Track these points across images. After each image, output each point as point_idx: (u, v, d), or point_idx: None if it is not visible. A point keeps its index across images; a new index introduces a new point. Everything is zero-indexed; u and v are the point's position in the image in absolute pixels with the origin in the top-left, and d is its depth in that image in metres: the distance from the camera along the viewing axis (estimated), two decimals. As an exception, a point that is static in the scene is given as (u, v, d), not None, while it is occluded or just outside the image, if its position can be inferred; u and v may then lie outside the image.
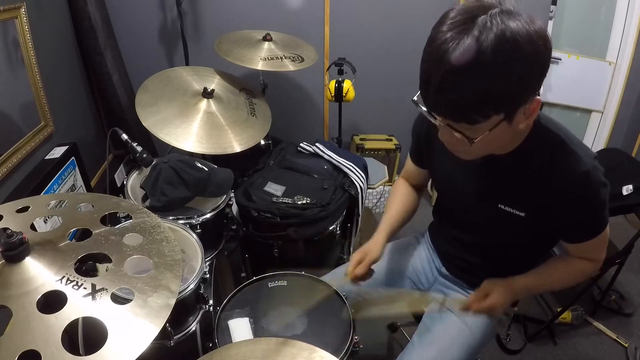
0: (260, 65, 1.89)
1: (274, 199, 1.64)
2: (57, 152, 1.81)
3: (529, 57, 0.70)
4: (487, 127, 0.76)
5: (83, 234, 0.86)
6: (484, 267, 1.14)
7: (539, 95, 0.78)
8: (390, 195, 1.31)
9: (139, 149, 1.57)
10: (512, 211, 0.96)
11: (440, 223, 1.28)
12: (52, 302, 0.69)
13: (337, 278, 1.31)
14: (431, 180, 1.23)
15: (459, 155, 0.91)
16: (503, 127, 0.77)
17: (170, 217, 1.44)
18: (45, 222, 1.45)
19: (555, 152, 0.89)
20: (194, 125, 1.71)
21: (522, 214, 0.95)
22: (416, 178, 1.28)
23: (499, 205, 0.97)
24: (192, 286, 1.20)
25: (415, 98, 0.80)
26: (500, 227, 1.01)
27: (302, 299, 1.20)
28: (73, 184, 1.87)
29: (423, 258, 1.32)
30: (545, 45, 0.71)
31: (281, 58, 1.95)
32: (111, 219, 1.00)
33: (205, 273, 1.28)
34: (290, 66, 1.94)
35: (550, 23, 2.71)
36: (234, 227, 1.72)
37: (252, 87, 2.06)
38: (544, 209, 0.92)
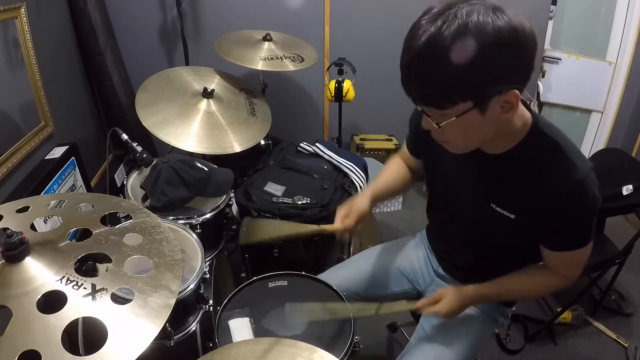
0: (260, 65, 1.89)
1: (274, 199, 1.64)
2: (57, 152, 1.81)
3: (492, 50, 0.71)
4: (454, 113, 0.78)
5: (83, 234, 0.86)
6: (479, 267, 1.13)
7: (519, 89, 0.77)
8: (383, 168, 1.31)
9: (139, 149, 1.57)
10: (503, 212, 0.96)
11: (435, 222, 1.28)
12: (52, 302, 0.69)
13: (335, 276, 1.31)
14: (426, 176, 1.23)
15: (446, 147, 0.92)
16: (474, 117, 0.78)
17: (170, 217, 1.44)
18: (45, 222, 1.45)
19: (549, 157, 0.88)
20: (194, 125, 1.71)
21: (512, 216, 0.95)
22: (411, 162, 1.28)
23: (492, 205, 0.97)
24: (192, 286, 1.20)
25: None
26: (492, 227, 1.01)
27: (302, 299, 1.20)
28: (73, 184, 1.87)
29: (420, 258, 1.33)
30: (518, 40, 0.72)
31: (281, 58, 1.95)
32: (111, 219, 1.00)
33: (205, 273, 1.28)
34: (290, 66, 1.94)
35: (550, 23, 2.71)
36: (234, 227, 1.72)
37: (252, 87, 2.06)
38: (533, 213, 0.91)
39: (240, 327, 1.12)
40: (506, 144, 0.91)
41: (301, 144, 1.97)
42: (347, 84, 2.18)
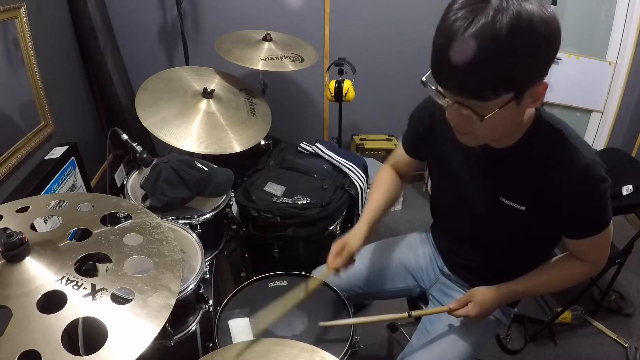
0: (260, 65, 1.89)
1: (274, 199, 1.64)
2: (57, 152, 1.81)
3: (542, 40, 0.71)
4: (497, 105, 0.77)
5: (83, 234, 0.86)
6: (486, 265, 1.13)
7: (545, 80, 0.78)
8: (374, 184, 1.30)
9: (139, 149, 1.57)
10: (512, 204, 0.96)
11: (441, 220, 1.27)
12: (52, 302, 0.69)
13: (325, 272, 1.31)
14: (429, 174, 1.22)
15: (464, 139, 0.90)
16: (511, 107, 0.78)
17: (170, 217, 1.44)
18: (45, 222, 1.45)
19: (556, 146, 0.89)
20: (194, 125, 1.71)
21: (523, 208, 0.95)
22: (405, 167, 1.27)
23: (500, 198, 0.97)
24: (192, 286, 1.20)
25: (424, 79, 0.81)
26: (501, 221, 1.01)
27: (302, 299, 1.20)
28: (73, 184, 1.87)
29: (426, 256, 1.32)
30: (558, 29, 0.73)
31: (281, 58, 1.95)
32: (111, 219, 1.00)
33: (205, 273, 1.27)
34: (290, 66, 1.93)
35: (550, 23, 2.70)
36: (234, 227, 1.72)
37: (252, 87, 2.06)
38: (543, 203, 0.92)
39: (240, 327, 1.12)
40: (513, 136, 0.91)
41: (301, 144, 1.97)
42: (347, 84, 2.18)
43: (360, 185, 1.80)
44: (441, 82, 0.78)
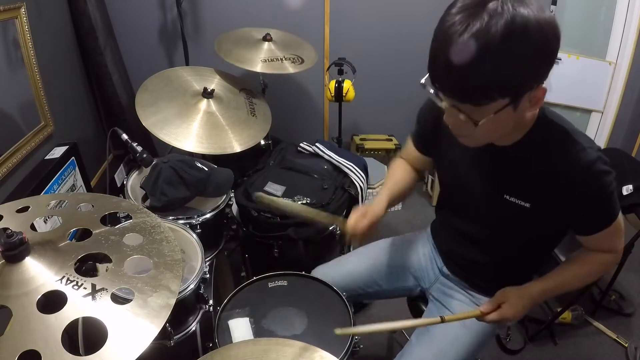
0: (259, 68, 1.89)
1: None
2: (57, 152, 1.81)
3: (537, 44, 0.71)
4: (492, 110, 0.77)
5: (83, 234, 0.86)
6: (487, 265, 1.13)
7: (544, 84, 0.78)
8: (389, 171, 1.30)
9: (139, 149, 1.57)
10: (517, 202, 0.96)
11: (444, 218, 1.26)
12: (52, 302, 0.69)
13: (331, 270, 1.31)
14: (436, 171, 1.22)
15: (463, 141, 0.91)
16: (508, 112, 0.78)
17: (170, 217, 1.44)
18: (45, 222, 1.45)
19: (560, 143, 0.89)
20: (194, 125, 1.71)
21: (527, 205, 0.95)
22: (415, 163, 1.27)
23: (505, 196, 0.97)
24: (192, 286, 1.20)
25: (423, 81, 0.81)
26: (506, 218, 1.01)
27: (302, 299, 1.20)
28: (73, 184, 1.87)
29: (426, 255, 1.32)
30: (555, 34, 0.73)
31: (281, 60, 1.95)
32: (111, 219, 1.00)
33: (205, 273, 1.28)
34: (290, 68, 1.93)
35: (550, 23, 2.70)
36: (234, 227, 1.72)
37: (252, 87, 2.06)
38: (548, 200, 0.92)
39: (240, 327, 1.12)
40: (516, 135, 0.92)
41: (301, 144, 1.97)
42: (347, 84, 2.18)
43: (360, 185, 1.80)
44: (437, 85, 0.79)
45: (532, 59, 0.73)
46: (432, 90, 0.81)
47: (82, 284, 0.72)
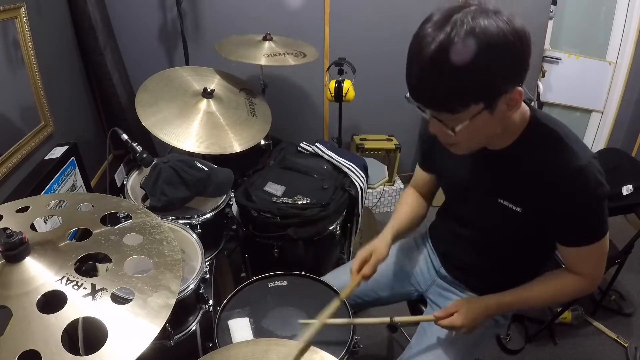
0: (263, 61, 1.88)
1: (274, 199, 1.64)
2: (57, 152, 1.81)
3: (500, 51, 0.73)
4: (467, 116, 0.79)
5: (83, 234, 0.86)
6: (483, 267, 1.14)
7: (521, 87, 0.80)
8: (399, 200, 1.31)
9: (139, 149, 1.57)
10: (509, 206, 0.96)
11: (443, 222, 1.27)
12: (52, 302, 0.69)
13: (337, 278, 1.30)
14: (438, 182, 1.22)
15: (453, 149, 0.92)
16: (485, 117, 0.80)
17: (170, 217, 1.44)
18: (45, 222, 1.45)
19: (551, 147, 0.89)
20: (194, 125, 1.71)
21: (518, 209, 0.95)
22: (425, 186, 1.27)
23: (498, 199, 0.98)
24: (192, 286, 1.20)
25: (407, 95, 0.84)
26: (500, 222, 1.01)
27: (302, 299, 1.20)
28: (73, 184, 1.87)
29: (422, 259, 1.33)
30: (521, 40, 0.75)
31: (283, 54, 1.95)
32: (111, 219, 1.00)
33: (205, 273, 1.27)
34: (291, 61, 1.93)
35: (550, 23, 2.70)
36: (234, 227, 1.72)
37: (252, 87, 2.06)
38: (538, 205, 0.92)
39: (240, 327, 1.12)
40: (508, 138, 0.93)
41: (301, 144, 1.97)
42: (347, 84, 2.18)
43: (360, 185, 1.80)
44: (415, 98, 0.82)
45: (497, 66, 0.74)
46: (415, 103, 0.83)
47: (82, 284, 0.72)
